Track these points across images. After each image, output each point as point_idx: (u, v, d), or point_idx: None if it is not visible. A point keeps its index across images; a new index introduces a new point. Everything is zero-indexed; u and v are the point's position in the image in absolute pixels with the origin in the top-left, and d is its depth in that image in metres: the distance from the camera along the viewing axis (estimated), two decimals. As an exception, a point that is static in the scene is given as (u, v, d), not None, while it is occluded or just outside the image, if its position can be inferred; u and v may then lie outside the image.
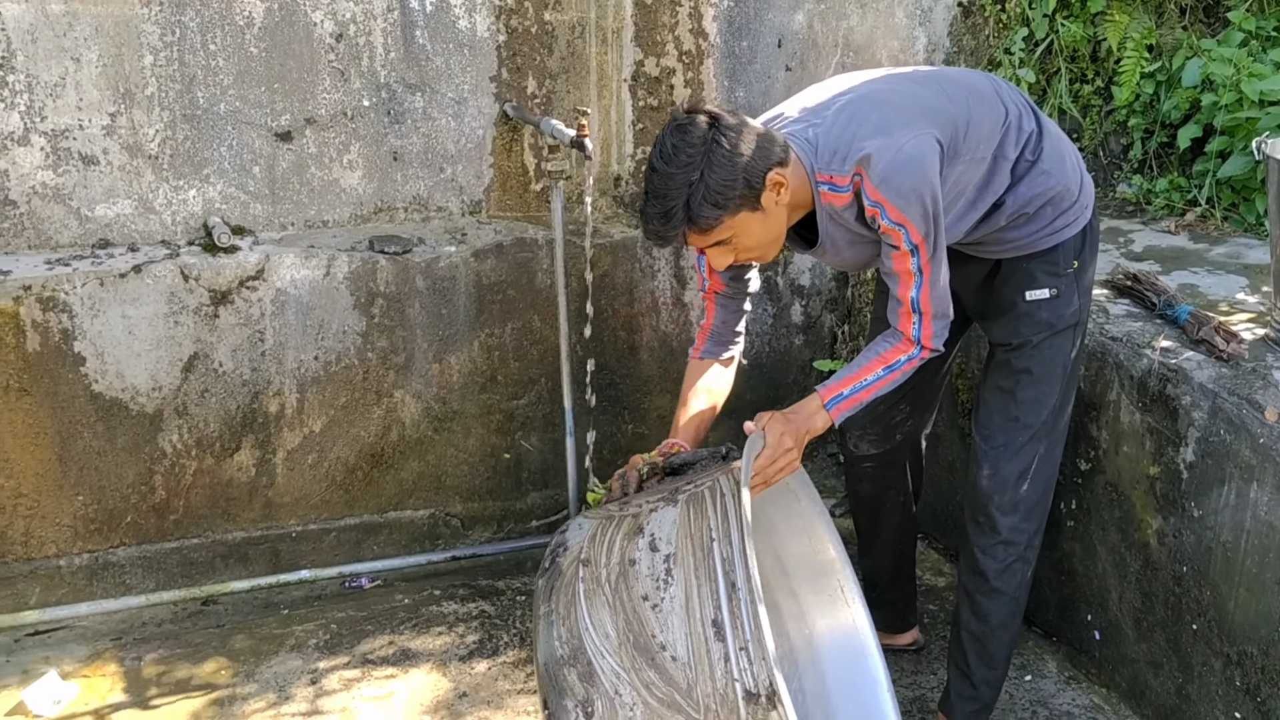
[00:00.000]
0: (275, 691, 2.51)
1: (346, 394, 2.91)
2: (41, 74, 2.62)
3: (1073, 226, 2.17)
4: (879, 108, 1.98)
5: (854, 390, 2.04)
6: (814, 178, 1.97)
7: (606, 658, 1.75)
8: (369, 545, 3.04)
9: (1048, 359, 2.21)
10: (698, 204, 1.85)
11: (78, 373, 2.68)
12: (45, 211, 2.70)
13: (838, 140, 1.95)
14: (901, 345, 2.04)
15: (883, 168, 1.89)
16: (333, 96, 2.85)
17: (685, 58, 3.12)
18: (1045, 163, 2.12)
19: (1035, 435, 2.24)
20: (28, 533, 2.73)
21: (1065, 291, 2.19)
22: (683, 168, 1.84)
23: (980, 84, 2.13)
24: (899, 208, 1.90)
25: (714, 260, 1.98)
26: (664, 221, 1.88)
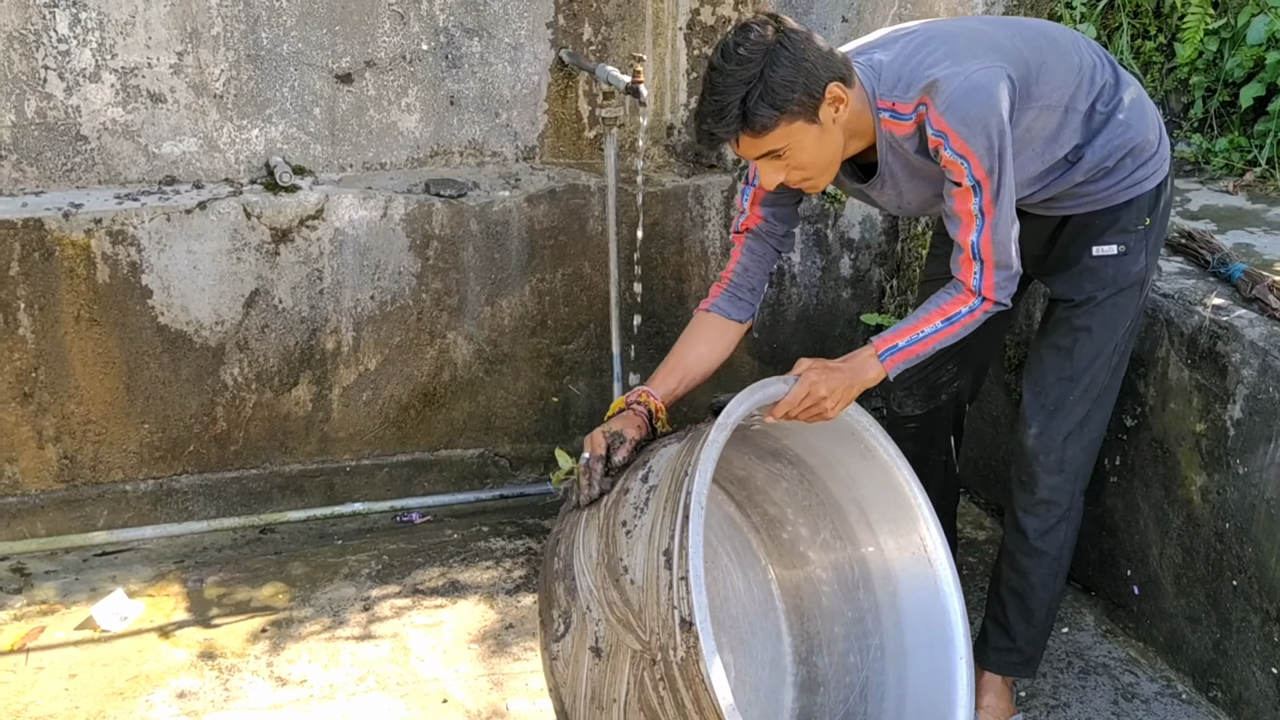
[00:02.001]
0: (330, 616, 2.61)
1: (401, 333, 2.98)
2: (112, 12, 2.68)
3: (1150, 180, 2.13)
4: (949, 39, 1.94)
5: (910, 342, 1.98)
6: (875, 104, 1.92)
7: (585, 575, 1.85)
8: (420, 482, 3.12)
9: (1109, 317, 2.17)
10: (754, 102, 1.79)
11: (145, 305, 2.77)
12: (115, 148, 2.78)
13: (902, 66, 1.91)
14: (962, 296, 1.98)
15: (949, 94, 1.85)
16: (392, 40, 2.89)
17: (741, 6, 3.12)
18: (1123, 114, 2.07)
19: (1087, 394, 2.21)
20: (96, 458, 2.84)
21: (1134, 248, 2.14)
22: (743, 64, 1.79)
23: (1055, 32, 2.09)
24: (963, 137, 1.85)
25: (765, 176, 1.91)
26: (718, 119, 1.82)
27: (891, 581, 2.23)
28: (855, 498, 2.23)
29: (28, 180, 2.74)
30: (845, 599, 2.28)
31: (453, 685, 2.41)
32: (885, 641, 2.23)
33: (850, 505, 2.24)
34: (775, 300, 3.31)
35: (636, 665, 1.78)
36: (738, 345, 2.22)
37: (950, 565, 2.17)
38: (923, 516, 2.16)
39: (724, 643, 2.26)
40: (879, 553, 2.24)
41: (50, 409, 2.77)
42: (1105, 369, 2.21)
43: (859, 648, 2.27)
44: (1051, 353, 2.23)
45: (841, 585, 2.29)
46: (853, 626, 2.28)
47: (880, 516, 2.22)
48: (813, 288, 3.35)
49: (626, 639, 1.79)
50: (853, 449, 2.15)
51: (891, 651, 2.23)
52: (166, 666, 2.43)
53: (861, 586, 2.26)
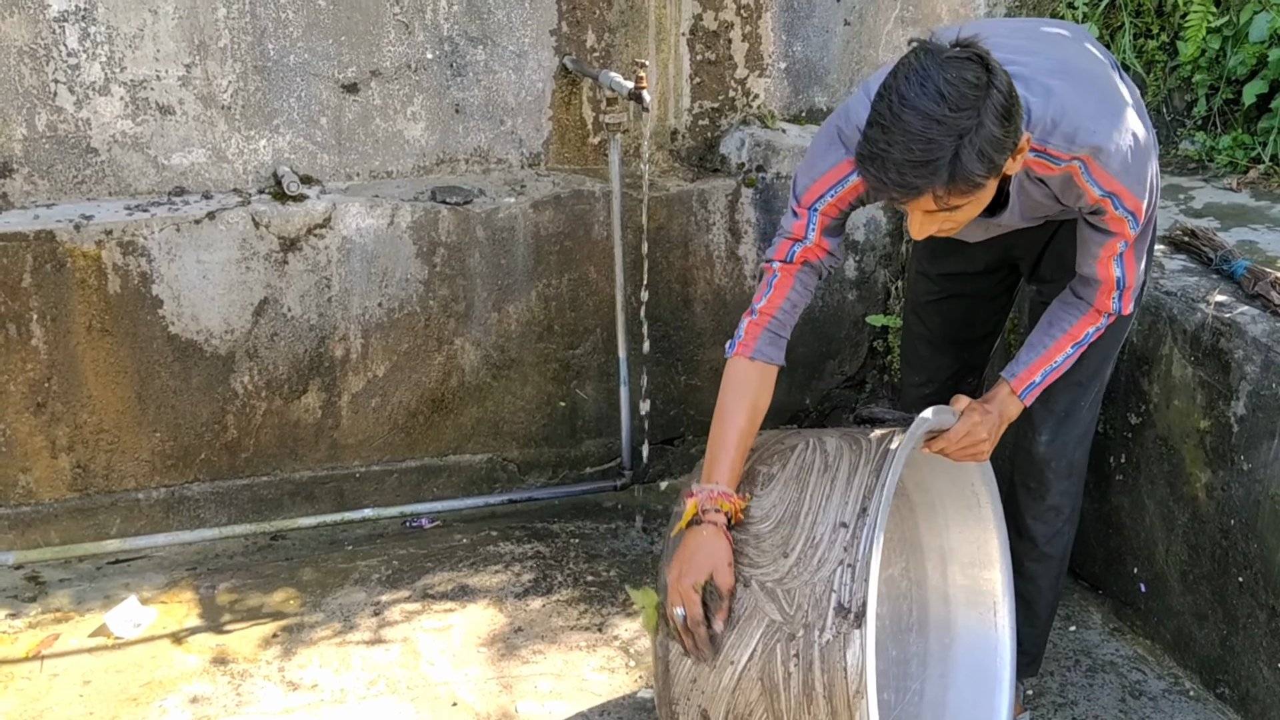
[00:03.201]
0: (340, 621, 2.63)
1: (409, 340, 3.01)
2: (121, 25, 2.72)
3: None
4: (1092, 83, 1.87)
5: (1045, 374, 2.02)
6: (1026, 143, 1.74)
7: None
8: (429, 487, 3.14)
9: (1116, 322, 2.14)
10: (969, 157, 1.56)
11: (155, 314, 2.80)
12: (125, 159, 2.82)
13: (1061, 115, 1.76)
14: (1089, 318, 2.00)
15: (1121, 159, 1.82)
16: (397, 49, 2.92)
17: (743, 11, 3.14)
18: None
19: (1095, 399, 2.23)
20: (109, 466, 2.87)
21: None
22: (958, 112, 1.54)
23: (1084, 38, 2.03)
24: (1137, 194, 1.87)
25: (919, 228, 1.71)
26: (919, 170, 1.56)
27: (949, 634, 2.24)
28: (941, 545, 2.23)
29: (39, 193, 2.78)
30: (894, 639, 2.26)
31: (462, 688, 2.43)
32: (926, 689, 2.24)
33: (933, 551, 2.23)
34: (781, 303, 3.32)
35: (770, 635, 1.74)
36: None
37: (1013, 636, 2.19)
38: (1004, 583, 2.18)
39: None
40: (944, 603, 2.25)
41: (63, 418, 2.80)
42: (1109, 369, 2.23)
43: (896, 686, 2.25)
44: None
45: (894, 624, 2.26)
46: (894, 666, 2.26)
47: (961, 571, 2.23)
48: (817, 290, 3.36)
49: (766, 607, 1.76)
50: (963, 499, 2.16)
51: (930, 700, 2.22)
52: (179, 672, 2.45)
53: (915, 630, 2.26)
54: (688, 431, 3.37)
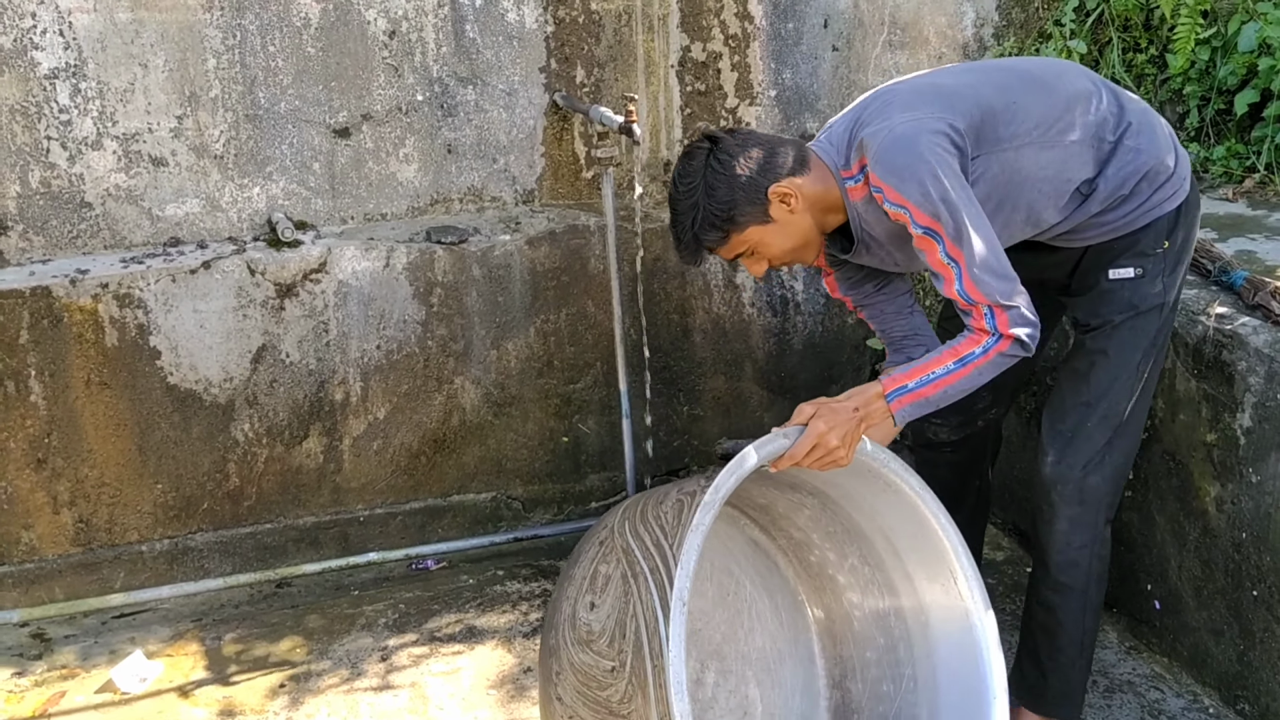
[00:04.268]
0: (348, 668, 2.61)
1: (408, 381, 3.00)
2: (111, 80, 2.73)
3: (1169, 202, 2.10)
4: (890, 96, 2.00)
5: (920, 383, 1.91)
6: (839, 176, 1.99)
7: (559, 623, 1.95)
8: (434, 528, 3.13)
9: (1126, 342, 2.13)
10: (700, 227, 1.94)
11: (153, 366, 2.80)
12: (119, 212, 2.82)
13: (844, 133, 2.00)
14: (974, 337, 1.92)
15: (875, 149, 1.90)
16: (387, 92, 2.93)
17: (731, 42, 3.15)
18: (1132, 139, 2.05)
19: (1106, 421, 2.15)
20: (111, 520, 2.86)
21: (1151, 271, 2.11)
22: (685, 195, 1.95)
23: (1038, 68, 2.10)
24: (895, 188, 1.88)
25: (750, 269, 2.04)
26: (680, 247, 2.00)
27: (923, 612, 2.19)
28: (881, 528, 2.19)
29: (34, 249, 2.78)
30: (877, 625, 2.25)
31: (472, 732, 2.41)
32: (918, 672, 2.20)
33: (876, 535, 2.21)
34: (780, 329, 3.32)
35: None
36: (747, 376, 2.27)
37: (983, 599, 2.11)
38: (953, 549, 2.10)
39: (748, 675, 2.24)
40: (908, 582, 2.20)
41: (64, 474, 2.79)
42: (1125, 394, 2.14)
43: (892, 675, 2.23)
44: (1069, 378, 2.19)
45: (873, 610, 2.25)
46: (885, 654, 2.24)
47: (909, 547, 2.17)
48: (817, 315, 3.36)
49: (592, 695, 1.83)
50: (873, 484, 2.11)
51: (924, 683, 2.19)
52: (187, 726, 2.43)
53: (893, 614, 2.23)
54: (692, 462, 3.35)
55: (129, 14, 2.71)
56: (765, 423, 3.35)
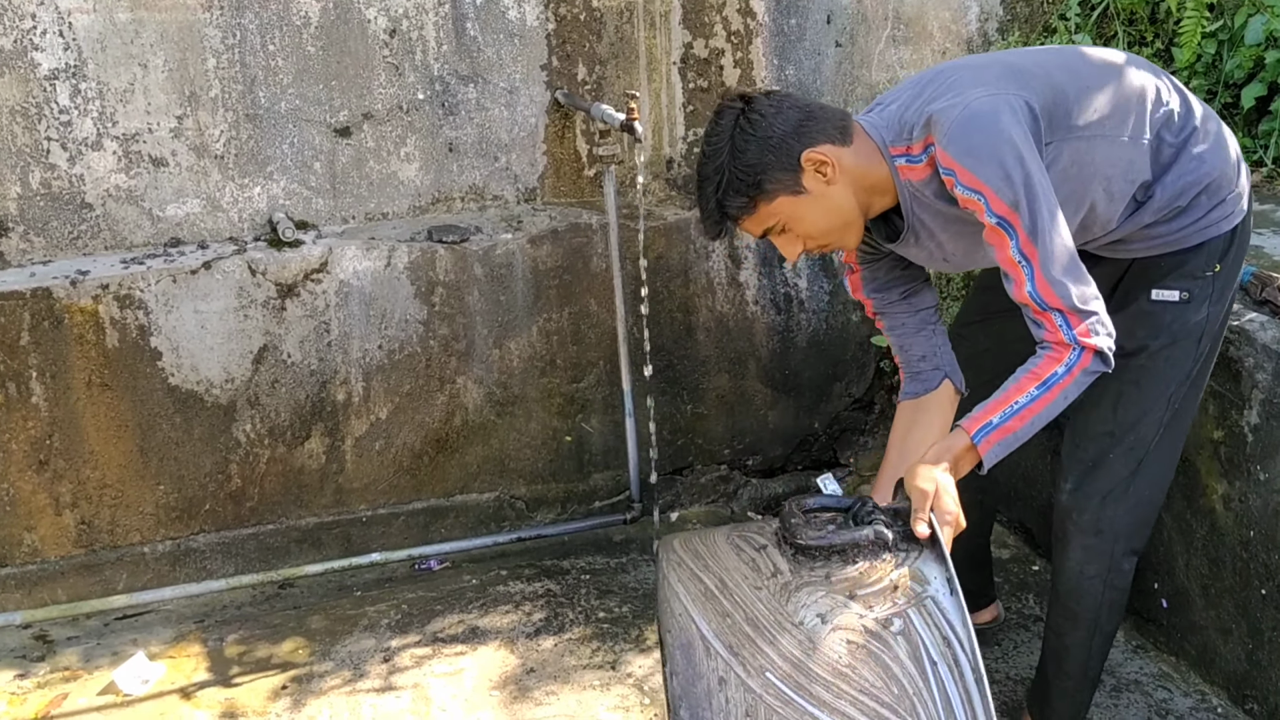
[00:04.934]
0: (350, 669, 2.60)
1: (410, 381, 2.99)
2: (111, 80, 2.72)
3: (1227, 221, 1.92)
4: (955, 72, 1.81)
5: (1005, 416, 1.70)
6: (888, 153, 1.80)
7: None
8: (436, 528, 3.12)
9: (1160, 371, 1.96)
10: (724, 192, 1.75)
11: (155, 367, 2.79)
12: (119, 213, 2.82)
13: (906, 109, 1.80)
14: (1053, 354, 1.71)
15: (948, 126, 1.69)
16: (388, 91, 2.92)
17: (734, 38, 3.13)
18: (1198, 146, 1.87)
19: (1132, 453, 2.00)
20: (113, 521, 2.86)
21: (1198, 296, 1.93)
22: (711, 157, 1.76)
23: (1102, 55, 1.92)
24: (971, 169, 1.67)
25: (784, 249, 1.83)
26: (704, 216, 1.81)
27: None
28: None
29: (35, 250, 2.78)
30: None
31: (475, 734, 2.39)
32: None
33: None
34: (785, 326, 3.30)
35: None
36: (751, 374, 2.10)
37: None
38: None
39: None
40: None
41: (66, 475, 2.79)
42: (1154, 427, 1.98)
43: None
44: (1094, 405, 2.00)
45: None
46: None
47: None
48: (821, 312, 3.34)
49: None
50: None
51: None
52: (189, 728, 2.43)
53: None
54: (696, 461, 3.33)
55: (128, 14, 2.70)
56: (769, 422, 3.34)
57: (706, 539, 1.72)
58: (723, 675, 1.50)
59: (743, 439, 3.35)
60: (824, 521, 1.64)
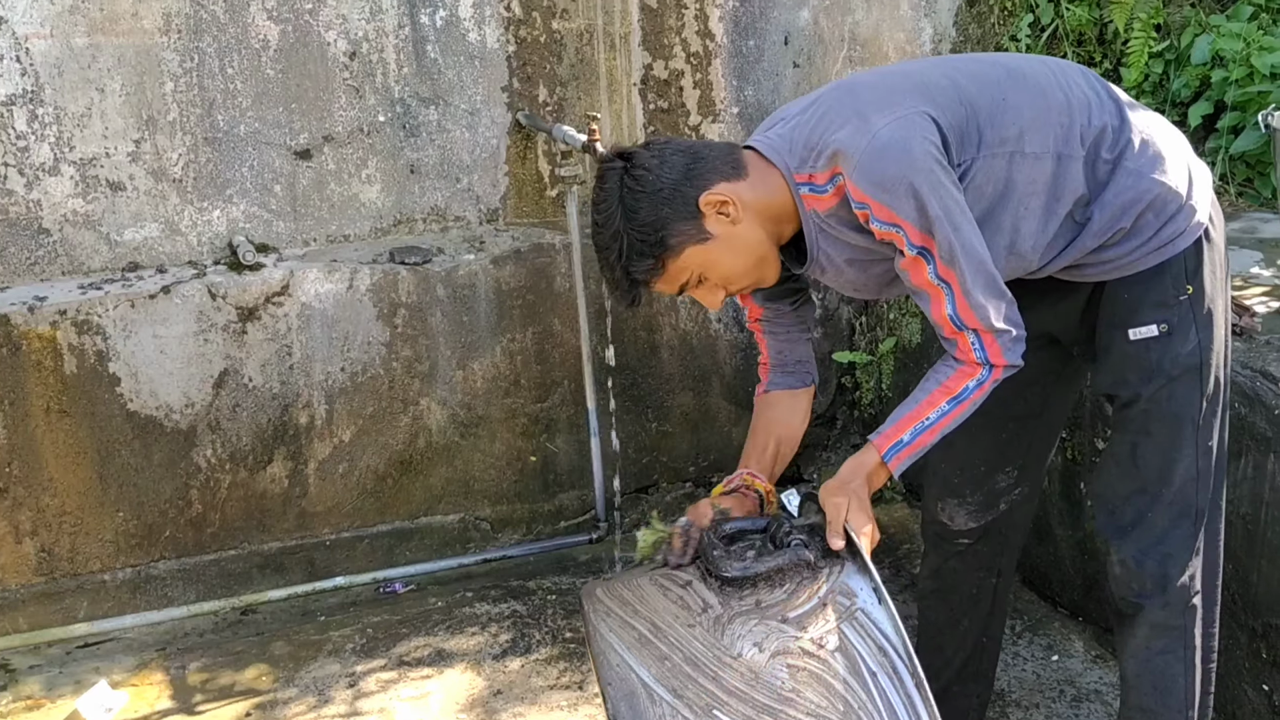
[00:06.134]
0: (315, 695, 2.58)
1: (374, 404, 2.98)
2: (69, 105, 2.71)
3: (1183, 238, 1.75)
4: (860, 92, 1.68)
5: (916, 433, 1.67)
6: (793, 180, 1.68)
7: None
8: (401, 551, 3.10)
9: (1168, 415, 1.79)
10: (627, 257, 1.64)
11: (113, 392, 2.76)
12: (77, 238, 2.79)
13: (811, 133, 1.67)
14: (966, 369, 1.66)
15: (857, 158, 1.59)
16: (349, 113, 2.92)
17: (693, 59, 3.17)
18: (1131, 160, 1.71)
19: (1171, 506, 1.82)
20: (73, 549, 2.82)
21: (1179, 326, 1.76)
22: (604, 225, 1.65)
23: (1028, 65, 1.76)
24: (886, 204, 1.58)
25: (704, 300, 1.74)
26: (613, 288, 1.70)
27: None
28: None
29: (-9, 276, 2.75)
30: None
31: (442, 757, 2.39)
32: None
33: None
34: (747, 344, 3.32)
35: None
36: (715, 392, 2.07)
37: None
38: None
39: None
40: None
41: (25, 503, 2.75)
42: (1188, 476, 1.81)
43: None
44: (1113, 463, 1.87)
45: None
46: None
47: None
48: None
49: None
50: None
51: None
52: (151, 758, 2.40)
53: None
54: (661, 479, 3.35)
55: (86, 39, 2.69)
56: (733, 439, 3.36)
57: (629, 583, 1.71)
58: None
59: (707, 456, 3.37)
60: (744, 549, 1.66)
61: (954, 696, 2.21)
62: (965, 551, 2.11)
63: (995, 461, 1.97)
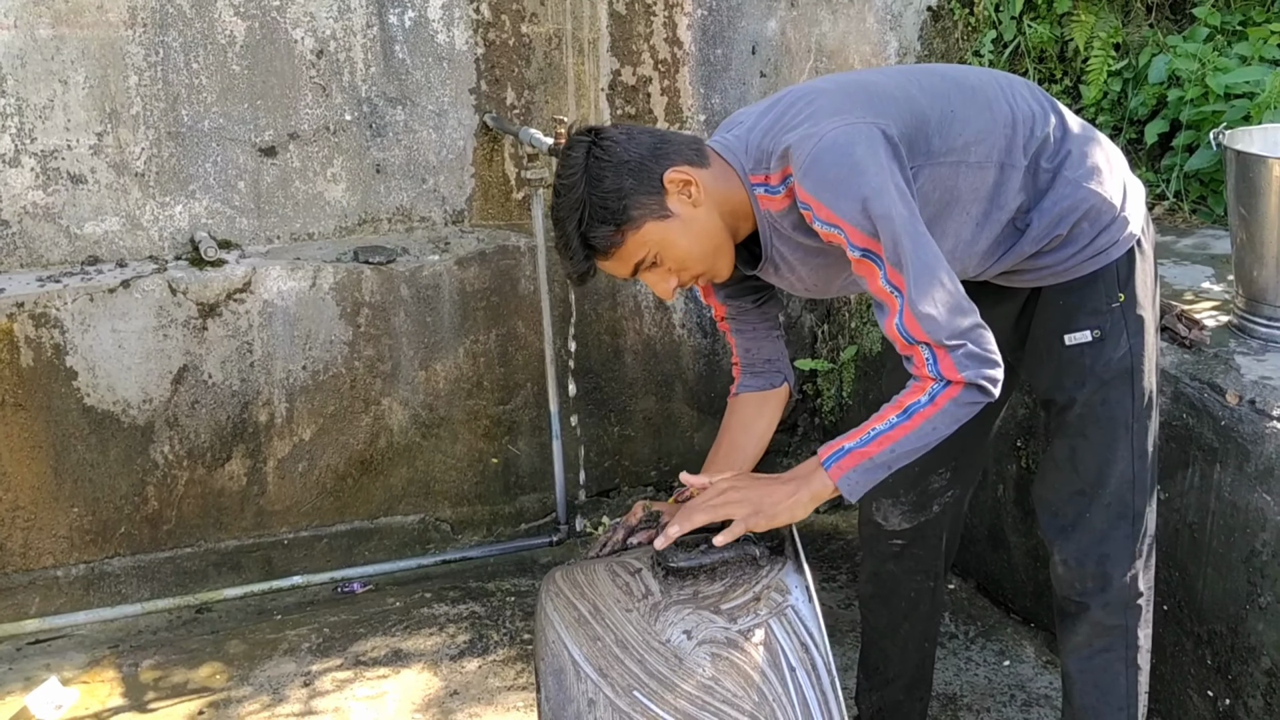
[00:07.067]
0: (269, 694, 2.56)
1: (335, 403, 2.97)
2: (30, 97, 2.69)
3: (1116, 248, 1.81)
4: (816, 96, 1.70)
5: (863, 442, 1.61)
6: (747, 181, 1.70)
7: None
8: (360, 551, 3.09)
9: (1102, 418, 1.85)
10: (587, 224, 1.62)
11: (70, 387, 2.74)
12: (36, 230, 2.77)
13: (765, 135, 1.69)
14: (918, 384, 1.61)
15: (803, 159, 1.60)
16: (315, 111, 2.92)
17: (661, 66, 3.19)
18: (1071, 169, 1.77)
19: (1109, 508, 1.88)
20: (26, 544, 2.79)
21: (1110, 332, 1.82)
22: (567, 191, 1.63)
23: (976, 78, 1.80)
24: (826, 204, 1.58)
25: (656, 288, 1.72)
26: (566, 254, 1.66)
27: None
28: None
29: (-53, 267, 2.72)
30: None
31: (396, 757, 2.38)
32: None
33: None
34: (710, 350, 3.35)
35: None
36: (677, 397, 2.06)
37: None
38: None
39: None
40: None
41: (-24, 497, 2.72)
42: (1124, 478, 1.87)
43: None
44: (1053, 467, 1.93)
45: None
46: None
47: None
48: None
49: None
50: None
51: None
52: (101, 756, 2.38)
53: None
54: (623, 483, 3.36)
55: (50, 30, 2.67)
56: (695, 443, 3.38)
57: (587, 569, 1.74)
58: (592, 697, 1.54)
59: (669, 460, 3.38)
60: (695, 543, 1.68)
61: (902, 705, 2.25)
62: (901, 554, 2.13)
63: (929, 461, 1.87)
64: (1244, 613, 2.17)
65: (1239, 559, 2.17)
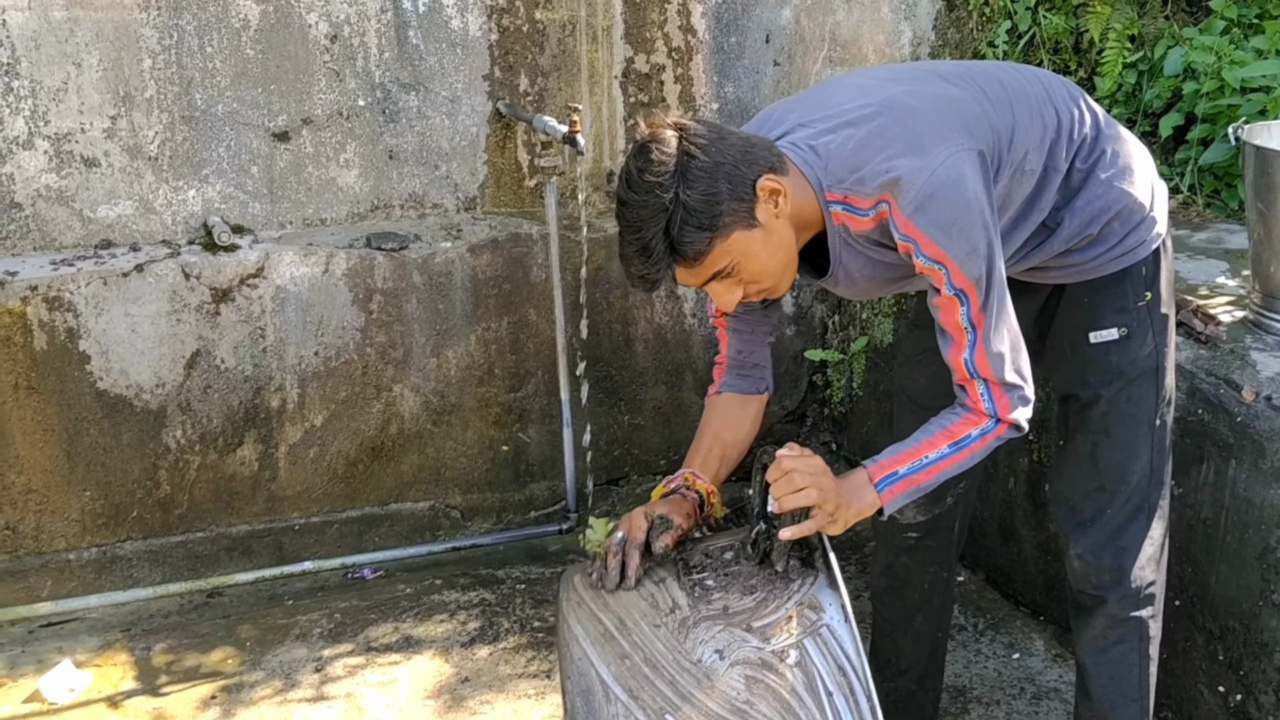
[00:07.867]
0: (281, 678, 2.57)
1: (346, 389, 2.97)
2: (45, 79, 2.68)
3: (1144, 247, 1.84)
4: (907, 117, 1.64)
5: (912, 469, 1.65)
6: (823, 195, 1.65)
7: None
8: (371, 537, 3.10)
9: (1127, 415, 1.88)
10: (679, 229, 1.53)
11: (83, 370, 2.74)
12: (49, 213, 2.76)
13: (855, 156, 1.63)
14: (971, 418, 1.66)
15: (915, 195, 1.57)
16: (328, 96, 2.91)
17: (675, 54, 3.18)
18: (1104, 171, 1.79)
19: (1129, 503, 1.91)
20: (38, 527, 2.80)
21: (1138, 330, 1.85)
22: (653, 191, 1.53)
23: (1024, 85, 1.81)
24: (938, 243, 1.57)
25: (720, 299, 1.64)
26: (644, 258, 1.56)
27: None
28: None
29: (-40, 249, 2.72)
30: None
31: (408, 743, 2.39)
32: None
33: None
34: (720, 340, 3.34)
35: None
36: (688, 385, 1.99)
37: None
38: None
39: None
40: None
41: (-11, 480, 2.73)
42: (1143, 475, 1.90)
43: None
44: (1073, 463, 1.96)
45: None
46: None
47: None
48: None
49: None
50: None
51: None
52: (114, 739, 2.39)
53: None
54: (633, 471, 3.36)
55: (64, 12, 2.66)
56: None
57: None
58: None
59: (679, 449, 3.38)
60: (722, 549, 1.65)
61: (915, 696, 2.26)
62: (915, 546, 2.15)
63: None
64: (1257, 609, 2.17)
65: (1252, 555, 2.17)
